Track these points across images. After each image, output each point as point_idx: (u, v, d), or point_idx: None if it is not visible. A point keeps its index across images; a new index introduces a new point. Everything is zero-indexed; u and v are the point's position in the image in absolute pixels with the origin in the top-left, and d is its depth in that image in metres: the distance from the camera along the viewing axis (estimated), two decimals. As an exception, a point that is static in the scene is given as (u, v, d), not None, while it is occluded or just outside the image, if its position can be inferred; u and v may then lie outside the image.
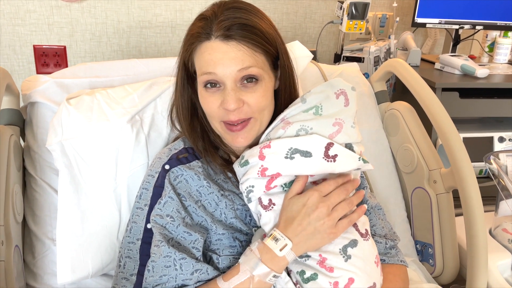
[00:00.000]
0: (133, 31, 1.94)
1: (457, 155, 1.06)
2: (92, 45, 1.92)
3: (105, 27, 1.91)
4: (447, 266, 1.16)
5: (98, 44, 1.92)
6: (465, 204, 1.04)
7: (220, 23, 0.75)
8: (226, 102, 0.76)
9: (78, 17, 1.86)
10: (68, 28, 1.87)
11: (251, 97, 0.78)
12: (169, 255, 0.77)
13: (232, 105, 0.76)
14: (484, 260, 1.02)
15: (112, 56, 1.95)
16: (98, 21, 1.89)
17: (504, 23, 1.85)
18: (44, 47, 1.87)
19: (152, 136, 1.01)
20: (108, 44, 1.93)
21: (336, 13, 1.70)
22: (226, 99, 0.77)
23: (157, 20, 1.94)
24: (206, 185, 0.85)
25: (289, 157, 0.76)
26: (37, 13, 1.81)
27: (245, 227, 0.86)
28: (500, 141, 1.69)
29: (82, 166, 0.96)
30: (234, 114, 0.78)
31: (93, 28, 1.89)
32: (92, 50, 1.93)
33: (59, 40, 1.88)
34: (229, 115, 0.79)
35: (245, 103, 0.78)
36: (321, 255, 0.76)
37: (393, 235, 0.96)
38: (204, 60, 0.77)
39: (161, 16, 1.94)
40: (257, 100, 0.79)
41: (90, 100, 0.99)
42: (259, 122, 0.82)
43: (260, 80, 0.79)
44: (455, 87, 1.59)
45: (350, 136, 0.79)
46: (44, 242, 1.00)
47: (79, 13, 1.86)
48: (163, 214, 0.81)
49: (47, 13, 1.83)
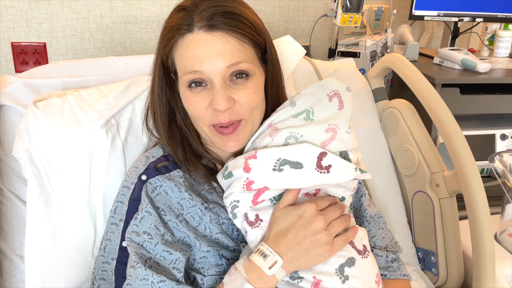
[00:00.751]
0: (117, 27, 1.84)
1: (461, 156, 0.99)
2: (74, 42, 1.82)
3: (87, 23, 1.81)
4: (451, 275, 1.09)
5: (80, 40, 1.83)
6: (470, 210, 0.97)
7: (202, 12, 0.67)
8: (216, 102, 0.68)
9: (58, 12, 1.76)
10: (47, 24, 1.77)
11: (242, 94, 0.70)
12: (146, 277, 0.69)
13: (222, 104, 0.68)
14: (491, 269, 0.95)
15: (95, 53, 1.86)
16: (80, 16, 1.79)
17: (505, 15, 1.77)
18: (23, 44, 1.77)
19: (130, 141, 0.92)
20: (91, 40, 1.84)
21: (330, 5, 1.62)
22: (215, 98, 0.68)
23: (143, 14, 1.85)
24: (188, 197, 0.77)
25: (277, 169, 0.68)
26: (15, 9, 1.71)
27: (232, 243, 0.78)
28: (502, 139, 1.62)
29: (52, 176, 0.87)
30: (224, 116, 0.70)
31: (75, 23, 1.80)
32: (74, 47, 1.83)
33: (39, 36, 1.78)
34: (219, 116, 0.71)
35: (236, 101, 0.70)
36: (315, 277, 0.68)
37: (394, 246, 0.89)
38: (188, 57, 0.68)
39: (146, 10, 1.84)
40: (248, 97, 0.71)
41: (60, 103, 0.90)
42: (251, 123, 0.74)
43: (251, 75, 0.71)
44: (456, 82, 1.51)
45: (345, 143, 0.71)
46: (12, 259, 0.91)
47: (59, 8, 1.76)
48: (139, 231, 0.73)
49: (25, 8, 1.73)
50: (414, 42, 1.68)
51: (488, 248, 0.95)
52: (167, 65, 0.74)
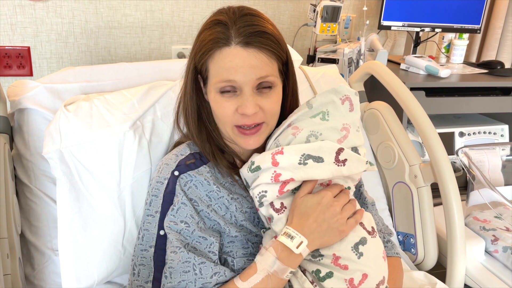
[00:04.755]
0: (102, 32, 1.89)
1: (435, 150, 1.15)
2: (58, 46, 1.85)
3: (72, 27, 1.84)
4: (428, 254, 1.25)
5: (65, 44, 1.85)
6: (444, 196, 1.12)
7: (240, 29, 0.77)
8: (245, 107, 0.78)
9: (43, 16, 1.79)
10: (32, 28, 1.79)
11: (267, 103, 0.81)
12: (188, 260, 0.78)
13: (251, 109, 0.78)
14: (462, 247, 1.12)
15: (80, 57, 1.89)
16: (65, 21, 1.82)
17: (460, 25, 2.00)
18: (7, 48, 1.78)
19: (154, 141, 1.01)
20: (75, 45, 1.87)
21: (308, 15, 1.75)
22: (244, 104, 0.78)
23: (127, 20, 1.91)
24: (216, 189, 0.86)
25: (302, 163, 0.80)
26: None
27: (254, 229, 0.88)
28: (461, 136, 1.83)
29: (84, 173, 0.94)
30: (250, 119, 0.80)
31: (59, 28, 1.82)
32: (58, 51, 1.85)
33: (23, 40, 1.80)
34: (244, 119, 0.81)
35: (261, 108, 0.81)
36: (335, 254, 0.80)
37: (387, 229, 1.03)
38: (225, 68, 0.77)
39: (130, 16, 1.90)
40: (271, 105, 0.82)
41: (89, 106, 0.97)
42: (270, 126, 0.85)
43: (274, 86, 0.82)
44: (421, 86, 1.70)
45: (355, 140, 0.84)
46: (43, 252, 0.97)
47: (44, 13, 1.78)
48: (177, 220, 0.82)
49: (10, 12, 1.74)
50: (383, 49, 1.85)
51: (459, 229, 1.11)
52: (201, 70, 0.83)
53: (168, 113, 1.03)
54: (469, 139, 1.84)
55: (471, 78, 1.83)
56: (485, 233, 1.25)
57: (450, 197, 1.11)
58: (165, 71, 1.16)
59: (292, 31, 2.14)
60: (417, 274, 1.13)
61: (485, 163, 1.45)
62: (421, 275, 1.14)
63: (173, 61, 1.21)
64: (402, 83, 1.27)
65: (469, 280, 1.17)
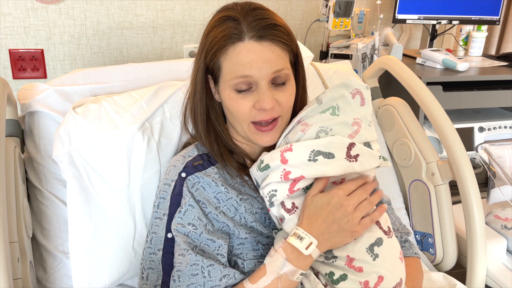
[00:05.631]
0: (114, 32, 1.89)
1: (453, 147, 1.11)
2: (71, 48, 1.86)
3: (84, 29, 1.85)
4: (447, 254, 1.21)
5: (78, 46, 1.86)
6: (463, 195, 1.08)
7: (251, 24, 0.76)
8: (263, 102, 0.77)
9: (56, 19, 1.80)
10: (45, 30, 1.80)
11: (283, 96, 0.80)
12: (196, 263, 0.77)
13: (269, 103, 0.77)
14: (483, 247, 1.08)
15: (92, 58, 1.90)
16: (77, 22, 1.83)
17: (478, 17, 1.94)
18: (21, 51, 1.80)
19: (163, 142, 0.99)
20: (88, 46, 1.88)
21: (321, 11, 1.72)
22: (262, 98, 0.77)
23: (138, 20, 1.90)
24: (224, 191, 0.85)
25: (312, 159, 0.77)
26: (12, 16, 1.74)
27: (265, 230, 0.86)
28: (480, 131, 1.77)
29: (93, 176, 0.93)
30: (267, 113, 0.79)
31: (72, 30, 1.83)
32: (71, 53, 1.86)
33: (36, 43, 1.81)
34: (262, 114, 0.79)
35: (277, 102, 0.79)
36: (349, 256, 0.77)
37: (404, 228, 1.00)
38: (239, 63, 0.76)
39: (142, 16, 1.90)
40: (287, 99, 0.81)
41: (97, 108, 0.96)
42: (286, 120, 0.84)
43: (288, 79, 0.80)
44: (438, 81, 1.65)
45: (368, 135, 0.81)
46: (55, 256, 0.97)
47: (57, 15, 1.79)
48: (184, 223, 0.81)
49: (23, 15, 1.75)
50: (398, 44, 1.80)
51: (480, 228, 1.07)
52: (214, 69, 0.81)
53: (177, 113, 1.02)
54: (489, 134, 1.78)
55: (490, 71, 1.77)
56: (506, 232, 1.20)
57: (469, 195, 1.07)
58: (174, 71, 1.15)
59: (304, 27, 2.11)
60: (435, 276, 1.10)
61: (506, 159, 1.40)
62: (439, 276, 1.10)
63: (183, 61, 1.20)
64: (417, 78, 1.24)
65: (490, 281, 1.13)
